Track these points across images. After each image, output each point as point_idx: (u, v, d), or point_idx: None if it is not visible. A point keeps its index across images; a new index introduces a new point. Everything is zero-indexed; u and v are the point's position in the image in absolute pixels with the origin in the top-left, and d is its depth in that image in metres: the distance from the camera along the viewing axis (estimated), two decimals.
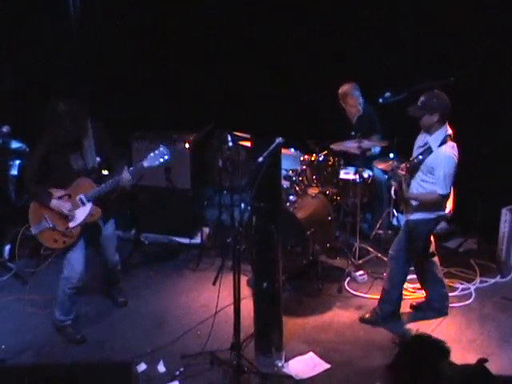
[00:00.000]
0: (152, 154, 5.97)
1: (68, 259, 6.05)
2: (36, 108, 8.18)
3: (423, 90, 6.62)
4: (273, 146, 5.42)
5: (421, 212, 6.03)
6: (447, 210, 6.09)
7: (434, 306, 6.47)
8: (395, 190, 6.29)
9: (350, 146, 7.36)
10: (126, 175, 5.92)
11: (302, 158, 7.57)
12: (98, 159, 5.95)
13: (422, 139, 6.04)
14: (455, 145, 5.89)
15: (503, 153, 7.44)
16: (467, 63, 7.37)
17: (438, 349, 3.72)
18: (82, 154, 5.90)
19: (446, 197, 5.91)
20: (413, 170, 6.01)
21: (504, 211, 7.42)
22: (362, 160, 7.39)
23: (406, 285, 6.86)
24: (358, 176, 7.26)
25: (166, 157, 5.99)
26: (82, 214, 5.91)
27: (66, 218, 5.90)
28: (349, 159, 7.75)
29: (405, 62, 7.81)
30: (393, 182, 6.21)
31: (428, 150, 5.90)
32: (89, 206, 5.92)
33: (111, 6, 9.03)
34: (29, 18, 8.60)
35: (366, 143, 7.31)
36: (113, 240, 6.41)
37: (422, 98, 5.89)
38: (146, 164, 5.98)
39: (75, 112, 5.72)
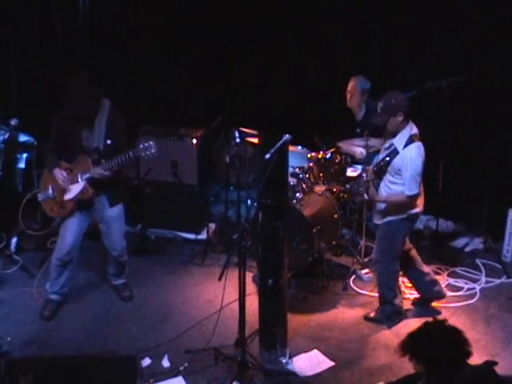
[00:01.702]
0: (141, 146, 5.96)
1: (62, 230, 6.27)
2: (44, 101, 8.26)
3: (432, 89, 6.63)
4: (280, 142, 5.43)
5: (390, 216, 6.05)
6: (419, 209, 6.06)
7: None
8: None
9: (358, 144, 7.34)
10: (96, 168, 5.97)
11: (309, 156, 7.55)
12: (108, 142, 6.04)
13: (387, 141, 6.05)
14: (421, 144, 5.86)
15: (510, 152, 7.42)
16: (475, 62, 7.35)
17: (463, 350, 3.73)
18: (93, 133, 6.03)
19: (414, 197, 5.90)
20: (380, 173, 6.03)
21: (511, 211, 7.41)
22: (368, 158, 7.39)
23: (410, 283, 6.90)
24: (365, 174, 7.23)
25: (153, 150, 5.93)
26: (75, 189, 6.07)
27: (64, 190, 6.09)
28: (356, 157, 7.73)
29: (413, 60, 7.79)
30: (360, 189, 6.15)
31: (394, 152, 5.90)
32: (82, 183, 6.03)
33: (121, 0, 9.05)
34: (38, 12, 8.62)
35: (372, 141, 7.29)
36: (118, 223, 6.42)
37: (380, 104, 5.89)
38: (131, 153, 5.93)
39: (82, 85, 5.91)
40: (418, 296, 6.65)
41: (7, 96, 8.54)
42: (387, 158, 5.94)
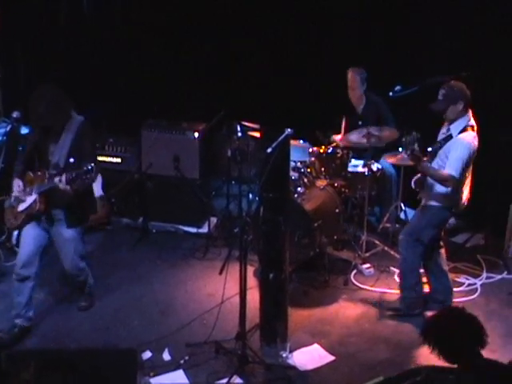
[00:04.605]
0: (84, 168, 5.56)
1: (20, 243, 6.11)
2: None
3: (434, 84, 6.62)
4: (282, 136, 5.43)
5: (433, 201, 6.09)
6: (461, 202, 6.12)
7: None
8: (418, 178, 6.24)
9: (358, 137, 7.35)
10: (61, 183, 5.65)
11: (310, 150, 7.56)
12: (71, 160, 5.78)
13: (445, 127, 6.11)
14: (475, 135, 5.95)
15: None
16: (480, 58, 7.33)
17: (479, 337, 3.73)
18: (57, 148, 5.89)
19: (456, 180, 5.89)
20: (433, 155, 6.07)
21: None
22: (370, 153, 7.40)
23: None
24: (366, 169, 7.25)
25: (93, 174, 5.59)
26: (27, 202, 5.90)
27: (20, 201, 5.93)
28: (357, 152, 7.72)
29: (416, 55, 7.78)
30: (406, 154, 6.12)
31: (449, 137, 5.98)
32: (33, 197, 5.86)
33: None
34: (43, 4, 8.68)
35: (374, 134, 7.30)
36: (71, 246, 6.11)
37: (442, 91, 5.96)
38: (74, 174, 5.58)
39: (50, 96, 5.75)
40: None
41: (10, 89, 8.55)
42: (442, 142, 6.02)
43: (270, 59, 8.69)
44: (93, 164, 5.55)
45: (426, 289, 6.61)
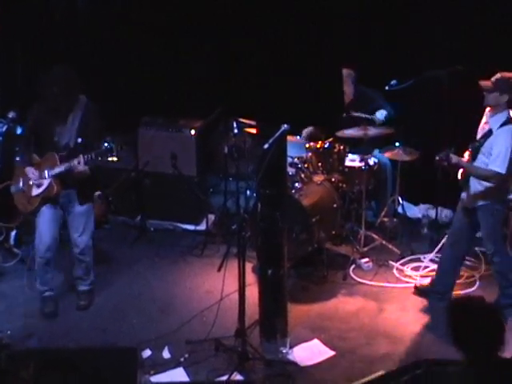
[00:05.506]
0: (103, 148, 5.78)
1: (37, 229, 6.17)
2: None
3: (430, 79, 6.61)
4: (278, 132, 5.43)
5: (484, 199, 5.94)
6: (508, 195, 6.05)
7: (438, 291, 6.42)
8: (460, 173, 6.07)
9: (355, 133, 7.35)
10: (80, 165, 5.78)
11: (307, 145, 7.56)
12: (79, 140, 5.92)
13: (483, 123, 5.99)
14: None
15: None
16: (479, 57, 7.32)
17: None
18: (65, 129, 5.97)
19: (502, 176, 5.71)
20: (475, 153, 5.92)
21: None
22: (367, 146, 7.40)
23: (410, 272, 6.92)
24: (363, 163, 7.25)
25: (114, 153, 5.80)
26: (42, 186, 5.98)
27: (33, 185, 6.01)
28: (353, 145, 7.70)
29: (416, 55, 7.76)
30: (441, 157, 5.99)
31: (489, 132, 5.85)
32: (48, 180, 5.94)
33: None
34: (43, 4, 8.69)
35: (372, 131, 7.31)
36: (84, 219, 6.25)
37: (498, 75, 5.78)
38: (93, 155, 5.77)
39: (64, 76, 5.86)
40: (420, 284, 6.68)
41: (6, 89, 8.53)
42: (482, 139, 5.87)
43: (267, 56, 8.67)
44: (110, 142, 5.72)
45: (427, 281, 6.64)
